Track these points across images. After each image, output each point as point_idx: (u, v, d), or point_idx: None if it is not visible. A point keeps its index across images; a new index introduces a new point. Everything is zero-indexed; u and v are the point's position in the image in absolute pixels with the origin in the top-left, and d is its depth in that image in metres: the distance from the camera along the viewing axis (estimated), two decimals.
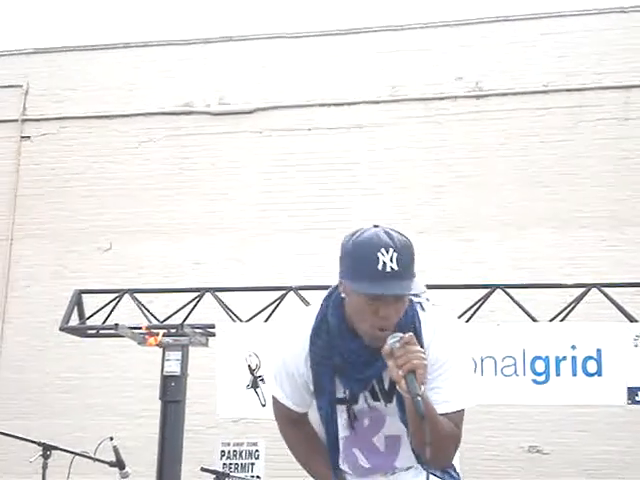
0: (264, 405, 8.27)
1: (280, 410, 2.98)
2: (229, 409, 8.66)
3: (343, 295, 2.79)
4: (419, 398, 2.56)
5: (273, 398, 2.99)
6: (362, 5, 18.83)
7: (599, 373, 8.03)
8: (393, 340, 2.63)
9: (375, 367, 2.77)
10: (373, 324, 2.69)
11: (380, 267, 2.65)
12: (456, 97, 11.98)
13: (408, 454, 2.88)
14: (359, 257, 2.69)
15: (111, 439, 5.88)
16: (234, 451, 9.40)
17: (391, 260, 2.65)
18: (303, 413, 2.96)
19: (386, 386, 2.83)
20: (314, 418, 2.96)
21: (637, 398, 7.96)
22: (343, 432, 2.89)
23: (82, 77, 13.28)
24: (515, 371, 8.18)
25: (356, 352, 2.76)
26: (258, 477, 8.98)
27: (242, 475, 8.93)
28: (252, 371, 8.27)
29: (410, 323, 2.79)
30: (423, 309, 2.85)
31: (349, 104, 12.25)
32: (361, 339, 2.75)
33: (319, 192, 12.02)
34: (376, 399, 2.84)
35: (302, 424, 2.99)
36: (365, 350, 2.74)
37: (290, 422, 2.99)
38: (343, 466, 2.93)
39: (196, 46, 13.20)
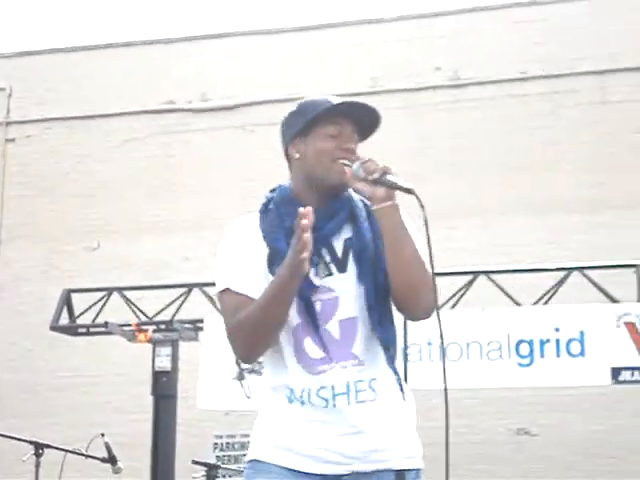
0: (249, 397, 8.41)
1: (234, 304, 2.56)
2: (209, 401, 8.79)
3: (297, 155, 2.63)
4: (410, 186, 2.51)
5: (223, 294, 2.59)
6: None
7: (582, 354, 8.15)
8: (356, 167, 2.57)
9: (326, 229, 2.58)
10: (336, 157, 2.59)
11: (337, 101, 2.61)
12: (435, 87, 12.07)
13: (366, 337, 2.59)
14: (311, 103, 2.64)
15: (102, 435, 5.96)
16: (227, 443, 9.50)
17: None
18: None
19: (339, 253, 2.61)
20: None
21: (620, 378, 8.07)
22: (295, 320, 2.56)
23: (64, 78, 13.33)
24: (500, 355, 8.31)
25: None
26: None
27: (235, 467, 9.02)
28: (238, 363, 8.39)
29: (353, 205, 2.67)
30: None
31: None
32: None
33: None
34: (327, 273, 2.58)
35: None
36: (314, 214, 2.41)
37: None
38: (295, 358, 2.57)
39: (177, 44, 13.26)
